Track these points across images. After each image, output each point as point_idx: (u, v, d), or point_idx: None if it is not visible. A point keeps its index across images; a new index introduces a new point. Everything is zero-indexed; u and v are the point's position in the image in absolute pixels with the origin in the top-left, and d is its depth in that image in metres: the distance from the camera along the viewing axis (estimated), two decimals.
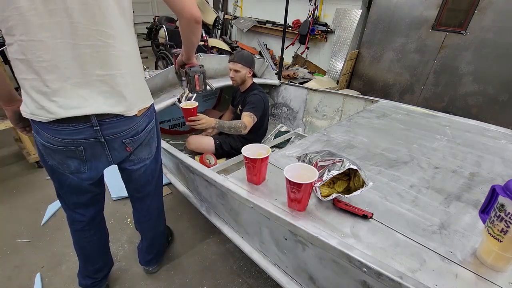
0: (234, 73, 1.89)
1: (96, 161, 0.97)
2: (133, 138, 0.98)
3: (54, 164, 0.94)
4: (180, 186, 1.66)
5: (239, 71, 1.88)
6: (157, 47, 5.48)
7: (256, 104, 1.86)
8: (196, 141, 1.99)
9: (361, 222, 0.84)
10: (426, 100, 3.53)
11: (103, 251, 1.32)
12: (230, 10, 5.83)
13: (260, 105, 1.89)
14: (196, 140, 1.99)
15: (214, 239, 1.74)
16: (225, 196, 1.15)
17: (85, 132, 0.87)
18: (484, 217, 0.74)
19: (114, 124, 0.90)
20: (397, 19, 3.51)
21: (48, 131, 0.85)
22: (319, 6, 4.25)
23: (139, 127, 0.98)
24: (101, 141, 0.91)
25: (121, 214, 1.89)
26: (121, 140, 0.95)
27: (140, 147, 1.05)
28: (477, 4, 2.91)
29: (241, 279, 1.51)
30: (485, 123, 1.57)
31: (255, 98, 1.88)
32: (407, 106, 1.84)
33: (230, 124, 1.75)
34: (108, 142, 0.92)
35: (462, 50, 3.13)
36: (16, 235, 1.72)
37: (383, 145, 1.32)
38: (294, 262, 0.97)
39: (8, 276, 1.48)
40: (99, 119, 0.86)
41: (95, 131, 0.87)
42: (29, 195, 2.05)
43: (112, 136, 0.91)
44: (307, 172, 0.87)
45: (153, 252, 1.47)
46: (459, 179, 1.07)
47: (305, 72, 4.37)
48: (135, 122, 0.95)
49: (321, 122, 2.37)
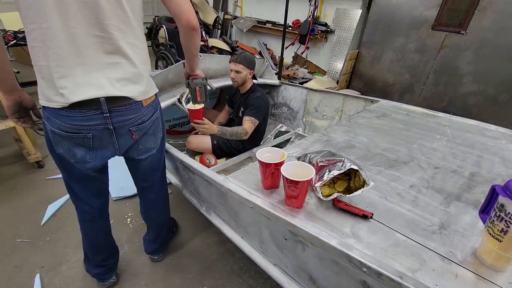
0: (235, 74, 1.87)
1: (102, 150, 1.00)
2: (139, 126, 1.03)
3: (62, 153, 0.98)
4: (180, 186, 1.66)
5: (241, 72, 1.86)
6: (157, 47, 5.47)
7: (258, 108, 1.86)
8: (196, 141, 1.99)
9: (361, 222, 0.84)
10: (426, 100, 3.53)
11: (110, 240, 1.39)
12: (230, 10, 5.82)
13: (263, 109, 1.89)
14: (196, 140, 1.99)
15: (214, 239, 1.74)
16: (225, 196, 1.15)
17: (95, 119, 0.91)
18: (484, 217, 0.74)
19: (122, 112, 0.95)
20: (397, 19, 3.51)
21: (60, 118, 0.88)
22: (319, 6, 4.25)
23: (145, 116, 1.03)
24: (109, 128, 0.95)
25: (121, 214, 1.90)
26: (128, 127, 0.99)
27: (146, 136, 1.09)
28: (477, 4, 2.91)
29: (241, 279, 1.51)
30: (485, 123, 1.57)
31: (258, 102, 1.87)
32: (407, 106, 1.84)
33: (232, 131, 1.76)
34: (116, 130, 0.97)
35: (462, 50, 3.13)
36: (16, 235, 1.72)
37: (383, 145, 1.32)
38: (294, 262, 0.97)
39: (8, 276, 1.48)
40: (109, 107, 0.91)
41: (104, 117, 0.92)
42: (29, 195, 2.05)
43: (120, 123, 0.96)
44: (304, 170, 0.89)
45: (159, 241, 1.53)
46: (459, 179, 1.07)
47: (305, 72, 4.37)
48: (141, 111, 1.01)
49: (321, 122, 2.37)
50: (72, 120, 0.89)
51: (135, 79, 0.95)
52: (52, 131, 0.93)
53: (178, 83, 2.07)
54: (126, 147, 1.07)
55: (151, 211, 1.42)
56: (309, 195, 0.96)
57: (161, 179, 1.35)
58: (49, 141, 0.98)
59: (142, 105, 1.00)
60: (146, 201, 1.39)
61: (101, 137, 0.96)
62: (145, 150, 1.14)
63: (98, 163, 1.04)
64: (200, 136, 2.01)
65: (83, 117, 0.89)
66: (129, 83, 0.93)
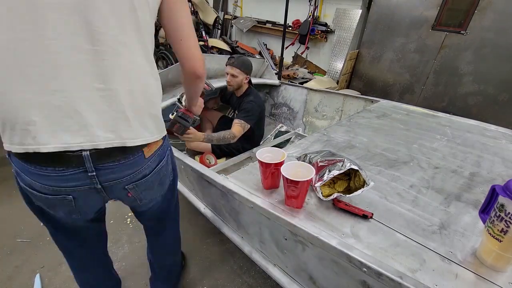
0: (231, 77, 1.85)
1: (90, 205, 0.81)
2: (138, 183, 0.78)
3: (41, 205, 0.77)
4: (180, 186, 1.66)
5: (237, 76, 1.84)
6: (157, 47, 5.46)
7: (250, 112, 1.84)
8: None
9: (361, 222, 0.84)
10: (426, 100, 3.53)
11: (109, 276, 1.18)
12: (230, 10, 5.82)
13: (255, 113, 1.87)
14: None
15: (214, 239, 1.74)
16: (225, 196, 1.15)
17: (76, 179, 0.68)
18: (484, 217, 0.74)
19: (114, 169, 0.71)
20: (397, 19, 3.51)
21: (30, 175, 0.67)
22: (319, 6, 4.25)
23: (147, 169, 0.78)
24: (97, 188, 0.72)
25: (121, 214, 1.90)
26: (123, 185, 0.76)
27: (148, 190, 0.85)
28: (477, 4, 2.91)
29: (241, 279, 1.51)
30: (485, 123, 1.57)
31: (249, 106, 1.85)
32: (407, 106, 1.84)
33: (219, 136, 1.74)
34: (105, 189, 0.74)
35: (462, 50, 3.13)
36: (16, 235, 1.72)
37: (383, 145, 1.32)
38: (294, 262, 0.97)
39: (8, 276, 1.48)
40: (96, 164, 0.67)
41: (89, 177, 0.69)
42: None
43: (111, 182, 0.73)
44: (304, 170, 0.89)
45: (171, 282, 1.31)
46: (459, 179, 1.07)
47: (305, 72, 4.37)
48: (142, 165, 0.76)
49: (321, 122, 2.37)
50: (45, 179, 0.66)
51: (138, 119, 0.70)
52: (23, 188, 0.74)
53: (178, 83, 2.07)
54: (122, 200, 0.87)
55: (160, 252, 1.22)
56: (309, 195, 0.96)
57: (172, 223, 1.14)
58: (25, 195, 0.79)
59: (143, 156, 0.75)
60: (153, 244, 1.18)
61: (86, 197, 0.74)
62: (147, 201, 0.91)
63: (88, 217, 0.85)
64: None
65: (59, 177, 0.66)
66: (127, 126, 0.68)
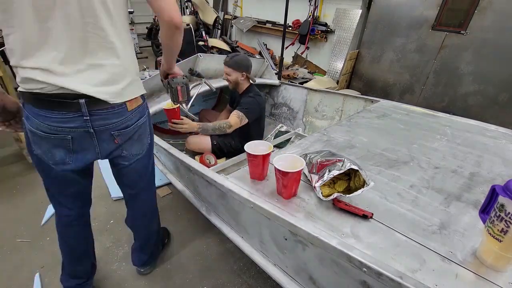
0: (226, 76, 1.89)
1: (83, 152, 0.97)
2: (122, 131, 0.99)
3: (40, 153, 0.95)
4: (180, 186, 1.66)
5: (230, 75, 1.86)
6: (157, 47, 5.48)
7: (248, 105, 1.84)
8: (195, 141, 1.99)
9: (361, 222, 0.84)
10: (426, 100, 3.53)
11: (88, 252, 1.30)
12: (230, 10, 5.83)
13: (253, 107, 1.87)
14: (195, 140, 1.99)
15: (214, 239, 1.74)
16: (225, 196, 1.15)
17: (74, 121, 0.88)
18: (484, 217, 0.74)
19: (104, 116, 0.91)
20: (397, 19, 3.51)
21: (39, 117, 0.86)
22: (319, 6, 4.25)
23: (129, 121, 0.99)
24: (90, 132, 0.91)
25: (121, 214, 1.89)
26: (110, 131, 0.96)
27: (131, 141, 1.05)
28: (477, 4, 2.91)
29: (241, 279, 1.51)
30: (485, 123, 1.57)
31: (248, 100, 1.87)
32: (407, 106, 1.84)
33: (214, 125, 1.74)
34: (97, 133, 0.93)
35: (462, 50, 3.13)
36: (16, 235, 1.72)
37: (383, 145, 1.32)
38: (294, 262, 0.97)
39: (8, 276, 1.48)
40: (90, 109, 0.88)
41: (84, 121, 0.88)
42: (29, 195, 2.05)
43: (101, 127, 0.92)
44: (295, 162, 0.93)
45: (147, 253, 1.45)
46: (459, 179, 1.07)
47: (305, 72, 4.37)
48: (125, 115, 0.97)
49: (321, 122, 2.37)
50: (51, 120, 0.86)
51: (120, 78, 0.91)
52: (30, 131, 0.90)
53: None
54: (109, 151, 1.02)
55: (137, 220, 1.36)
56: (309, 195, 0.96)
57: (148, 187, 1.28)
58: (28, 141, 0.95)
59: (126, 109, 0.96)
60: (132, 209, 1.33)
61: (81, 139, 0.93)
62: (130, 156, 1.09)
63: (79, 165, 0.99)
64: (199, 136, 2.01)
65: (61, 119, 0.86)
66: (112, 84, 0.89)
